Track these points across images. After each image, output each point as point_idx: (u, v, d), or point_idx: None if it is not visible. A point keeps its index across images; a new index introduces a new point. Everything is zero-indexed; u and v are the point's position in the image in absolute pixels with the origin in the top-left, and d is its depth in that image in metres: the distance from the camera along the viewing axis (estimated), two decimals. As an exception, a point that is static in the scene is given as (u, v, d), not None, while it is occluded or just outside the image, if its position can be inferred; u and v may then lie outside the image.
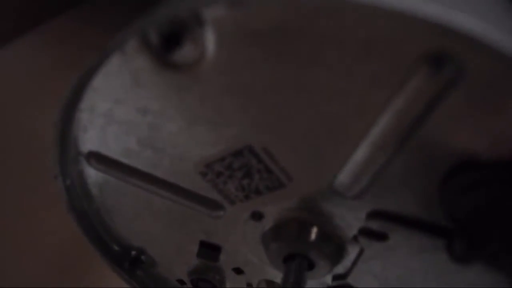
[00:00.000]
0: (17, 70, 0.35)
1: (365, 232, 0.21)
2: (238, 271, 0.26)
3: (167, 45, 0.17)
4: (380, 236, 0.21)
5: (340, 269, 0.24)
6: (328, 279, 0.25)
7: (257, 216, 0.22)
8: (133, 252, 0.27)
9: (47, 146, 0.22)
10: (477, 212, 0.18)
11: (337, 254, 0.22)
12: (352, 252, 0.23)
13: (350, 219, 0.21)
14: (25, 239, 0.38)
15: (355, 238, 0.22)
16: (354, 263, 0.23)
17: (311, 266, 0.23)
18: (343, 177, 0.19)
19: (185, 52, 0.17)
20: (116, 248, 0.27)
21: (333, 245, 0.22)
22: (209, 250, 0.25)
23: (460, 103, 0.16)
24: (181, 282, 0.28)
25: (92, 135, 0.21)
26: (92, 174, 0.23)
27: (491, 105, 0.16)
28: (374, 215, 0.21)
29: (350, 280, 0.24)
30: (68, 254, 0.40)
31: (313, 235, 0.22)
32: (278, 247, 0.22)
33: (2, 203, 0.37)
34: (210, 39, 0.17)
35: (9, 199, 0.37)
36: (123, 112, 0.20)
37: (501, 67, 0.15)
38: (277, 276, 0.26)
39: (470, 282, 0.22)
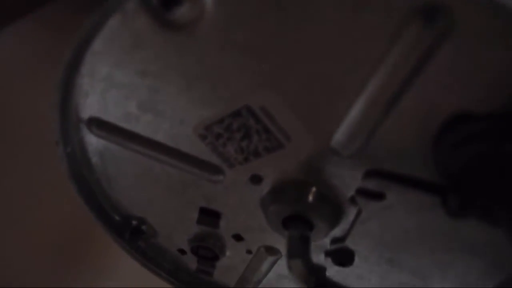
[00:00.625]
0: (10, 57, 0.36)
1: (362, 192, 0.22)
2: (238, 237, 0.27)
3: (167, 4, 0.17)
4: (377, 196, 0.22)
5: (338, 232, 0.24)
6: (327, 243, 0.25)
7: (256, 179, 0.23)
8: (134, 222, 0.28)
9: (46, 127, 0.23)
10: (470, 165, 0.19)
11: (336, 215, 0.23)
12: (350, 214, 0.23)
13: (347, 179, 0.22)
14: (26, 222, 0.39)
15: (352, 200, 0.22)
16: (352, 225, 0.24)
17: (310, 228, 0.23)
18: (340, 135, 0.20)
19: (184, 11, 0.17)
20: (116, 218, 0.27)
21: (332, 206, 0.23)
22: (209, 216, 0.25)
23: (453, 56, 0.17)
24: (182, 251, 0.29)
25: (92, 101, 0.21)
26: (93, 141, 0.23)
27: (483, 57, 0.17)
28: (370, 174, 0.21)
29: (348, 242, 0.25)
30: (71, 236, 0.40)
31: (311, 196, 0.22)
32: (277, 209, 0.23)
33: (3, 187, 0.37)
34: None
35: (10, 183, 0.37)
36: (123, 75, 0.20)
37: (494, 19, 0.16)
38: (276, 242, 0.27)
39: (465, 240, 0.23)
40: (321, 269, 0.24)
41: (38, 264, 0.39)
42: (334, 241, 0.25)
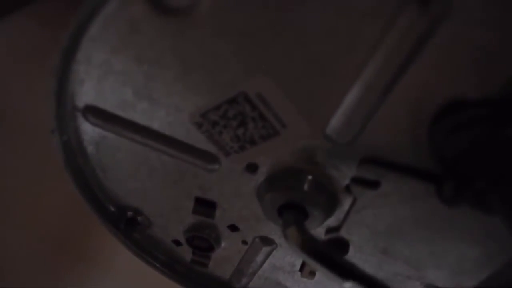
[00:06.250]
0: (3, 51, 0.35)
1: (358, 181, 0.22)
2: (233, 228, 0.27)
3: (163, -11, 0.17)
4: (372, 184, 0.22)
5: (333, 221, 0.24)
6: (321, 233, 0.25)
7: (251, 168, 0.23)
8: (129, 213, 0.28)
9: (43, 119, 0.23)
10: (465, 151, 0.19)
11: (331, 204, 0.23)
12: (345, 203, 0.23)
13: (343, 167, 0.22)
14: (25, 214, 0.39)
15: (347, 188, 0.23)
16: (347, 214, 0.24)
17: (304, 216, 0.23)
18: (336, 121, 0.20)
19: None
20: (112, 209, 0.27)
21: (327, 195, 0.23)
22: (204, 206, 0.25)
23: (448, 40, 0.17)
24: (177, 242, 0.29)
25: (88, 88, 0.21)
26: (89, 130, 0.23)
27: (478, 41, 0.17)
28: (366, 162, 0.21)
29: (342, 232, 0.25)
30: (67, 230, 0.40)
31: (307, 185, 0.22)
32: (273, 197, 0.23)
33: (2, 180, 0.37)
34: None
35: (9, 175, 0.37)
36: (119, 61, 0.20)
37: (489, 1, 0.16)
38: (271, 233, 0.27)
39: (459, 228, 0.23)
40: (318, 240, 0.24)
41: (33, 258, 0.39)
42: (329, 230, 0.25)
